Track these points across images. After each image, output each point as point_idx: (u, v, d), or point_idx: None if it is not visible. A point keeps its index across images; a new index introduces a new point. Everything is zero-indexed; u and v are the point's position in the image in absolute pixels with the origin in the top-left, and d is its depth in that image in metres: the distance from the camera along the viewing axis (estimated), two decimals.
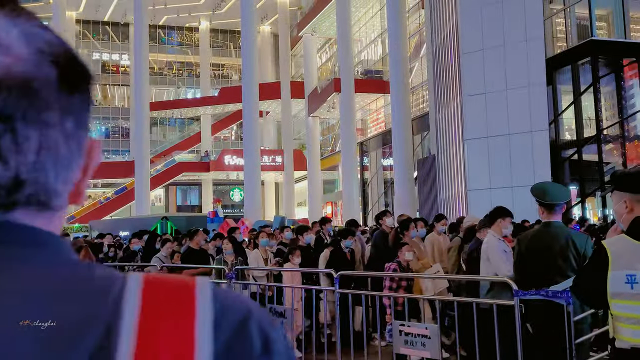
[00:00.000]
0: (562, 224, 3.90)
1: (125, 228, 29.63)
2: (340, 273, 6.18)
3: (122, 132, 50.73)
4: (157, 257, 9.11)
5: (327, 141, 45.03)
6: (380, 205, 34.61)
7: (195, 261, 8.07)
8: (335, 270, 6.91)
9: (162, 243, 9.52)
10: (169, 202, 51.38)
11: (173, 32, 52.93)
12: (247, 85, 33.37)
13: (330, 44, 42.63)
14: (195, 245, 8.72)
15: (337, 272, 6.05)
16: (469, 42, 18.61)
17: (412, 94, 29.15)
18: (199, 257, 8.29)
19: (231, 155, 43.92)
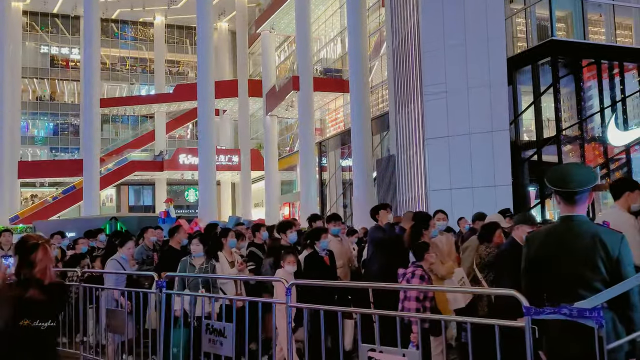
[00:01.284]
0: (586, 219, 2.95)
1: (71, 229, 28.13)
2: (293, 282, 5.17)
3: (71, 129, 48.71)
4: (115, 260, 7.59)
5: (285, 141, 44.33)
6: (339, 206, 34.14)
7: (176, 262, 7.12)
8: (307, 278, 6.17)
9: (121, 242, 8.11)
10: (121, 203, 49.63)
11: (126, 26, 51.21)
12: (202, 83, 32.43)
13: (289, 42, 41.96)
14: (176, 244, 7.90)
15: (291, 282, 5.13)
16: (430, 40, 18.26)
17: (372, 93, 28.78)
18: (179, 257, 7.29)
19: (186, 154, 42.70)
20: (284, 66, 42.99)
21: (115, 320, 6.34)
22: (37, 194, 46.31)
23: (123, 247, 7.67)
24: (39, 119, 48.60)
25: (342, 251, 8.03)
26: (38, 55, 48.45)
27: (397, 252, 6.89)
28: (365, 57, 26.02)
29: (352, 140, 25.44)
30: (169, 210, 23.92)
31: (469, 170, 17.30)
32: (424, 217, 7.60)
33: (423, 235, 6.68)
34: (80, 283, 7.05)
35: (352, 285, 7.19)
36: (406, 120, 20.18)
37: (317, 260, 6.77)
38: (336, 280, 6.95)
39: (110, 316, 6.48)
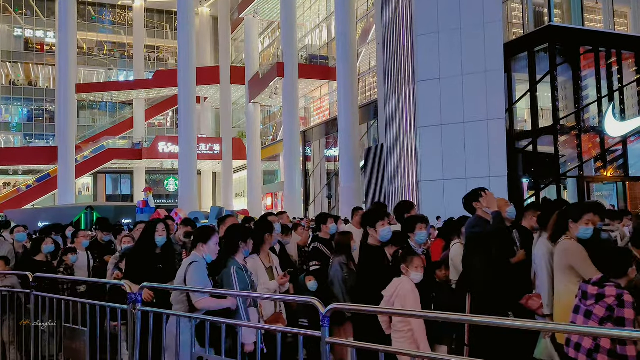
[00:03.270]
0: None
1: (44, 219, 27.02)
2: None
3: (46, 115, 47.07)
4: (196, 263, 4.55)
5: (268, 130, 43.36)
6: (323, 196, 33.39)
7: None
8: None
9: (204, 236, 6.22)
10: (98, 191, 48.22)
11: (104, 10, 49.53)
12: (183, 69, 31.35)
13: (273, 28, 40.90)
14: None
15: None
16: (423, 24, 17.53)
17: (359, 81, 27.96)
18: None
19: (166, 143, 41.51)
20: (267, 53, 41.93)
21: (74, 342, 4.52)
22: (9, 181, 44.73)
23: (208, 243, 4.63)
24: (12, 105, 46.86)
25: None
26: (12, 38, 46.60)
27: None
28: (354, 43, 25.22)
29: (339, 128, 24.65)
30: (148, 200, 22.96)
31: (462, 160, 16.67)
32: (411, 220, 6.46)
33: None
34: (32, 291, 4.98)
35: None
36: (396, 108, 19.45)
37: None
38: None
39: (69, 335, 4.61)
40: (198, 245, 4.53)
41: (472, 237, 5.01)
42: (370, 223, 5.05)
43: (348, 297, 5.31)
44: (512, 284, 4.88)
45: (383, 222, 5.00)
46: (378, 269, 4.90)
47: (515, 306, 4.74)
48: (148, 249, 5.29)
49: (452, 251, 5.97)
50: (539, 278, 4.78)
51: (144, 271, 5.08)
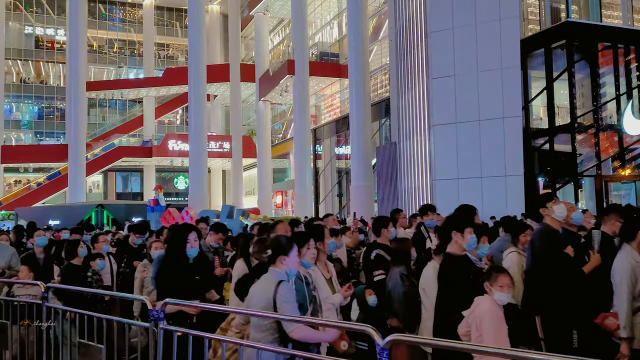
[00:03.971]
0: None
1: (55, 217, 27.03)
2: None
3: (57, 112, 47.15)
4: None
5: (278, 128, 43.17)
6: (333, 195, 33.16)
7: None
8: None
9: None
10: (108, 189, 48.25)
11: (114, 7, 49.49)
12: (193, 66, 31.22)
13: (283, 26, 40.70)
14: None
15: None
16: (437, 20, 17.26)
17: (370, 78, 27.67)
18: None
19: (176, 140, 41.43)
20: (277, 50, 41.72)
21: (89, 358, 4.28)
22: (21, 179, 44.87)
23: (290, 255, 3.91)
24: (23, 102, 46.97)
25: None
26: (22, 36, 46.70)
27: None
28: (366, 40, 24.93)
29: (351, 126, 24.39)
30: (159, 198, 22.79)
31: (477, 158, 16.39)
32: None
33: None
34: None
35: None
36: (409, 105, 19.17)
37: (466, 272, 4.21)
38: None
39: (83, 352, 4.35)
40: (279, 259, 3.77)
41: (539, 252, 4.50)
42: (458, 228, 4.27)
43: (408, 313, 4.79)
44: (586, 298, 4.38)
45: (470, 229, 4.31)
46: (462, 282, 4.12)
47: (587, 324, 4.24)
48: (180, 260, 4.56)
49: (506, 261, 5.31)
50: (617, 295, 4.29)
51: (178, 285, 4.37)
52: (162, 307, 3.72)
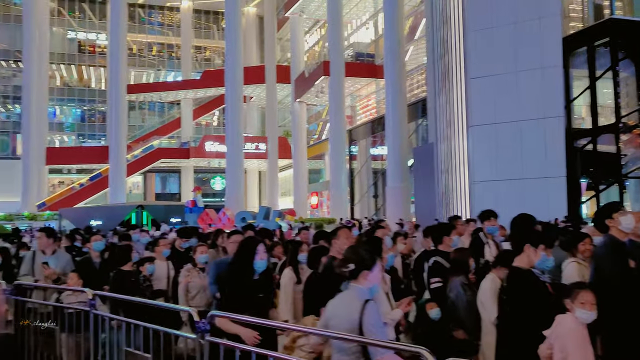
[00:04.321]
0: None
1: (97, 217, 27.69)
2: None
3: (98, 115, 48.35)
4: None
5: (313, 129, 43.27)
6: (369, 196, 33.04)
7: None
8: None
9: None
10: (148, 190, 49.24)
11: (153, 11, 50.50)
12: (230, 69, 31.65)
13: (319, 26, 40.76)
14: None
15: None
16: (475, 19, 17.01)
17: (407, 78, 27.47)
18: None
19: (212, 142, 41.95)
20: (313, 51, 41.83)
21: None
22: (64, 180, 46.15)
23: (373, 270, 3.58)
24: (66, 105, 48.34)
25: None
26: (65, 40, 48.08)
27: None
28: (402, 39, 24.76)
29: (387, 127, 24.24)
30: (197, 200, 23.14)
31: (517, 160, 16.07)
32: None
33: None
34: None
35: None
36: (447, 106, 18.91)
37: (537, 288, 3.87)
38: None
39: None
40: (362, 274, 3.39)
41: (603, 265, 4.21)
42: (533, 243, 3.88)
43: (476, 324, 4.60)
44: None
45: (543, 246, 3.94)
46: (532, 299, 3.80)
47: None
48: (246, 273, 4.17)
49: (566, 271, 4.94)
50: None
51: (241, 300, 4.05)
52: (209, 319, 3.69)
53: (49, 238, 6.82)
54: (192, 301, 6.01)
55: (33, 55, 39.36)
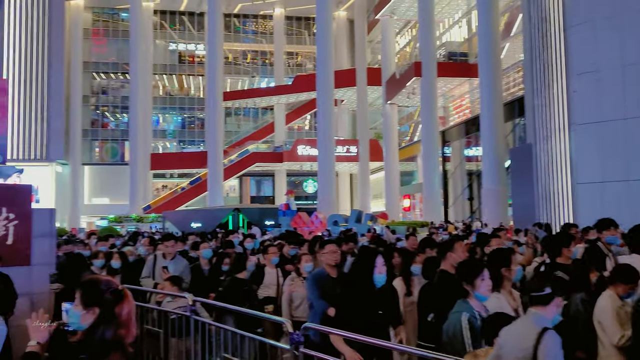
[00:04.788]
0: None
1: (197, 219, 29.00)
2: None
3: (197, 122, 50.68)
4: None
5: (405, 131, 42.84)
6: (463, 199, 32.23)
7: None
8: None
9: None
10: (243, 193, 50.93)
11: (247, 20, 52.21)
12: (321, 73, 32.07)
13: (409, 27, 40.35)
14: (450, 268, 4.54)
15: None
16: (576, 12, 16.19)
17: (503, 77, 26.53)
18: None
19: (305, 146, 42.70)
20: (404, 52, 41.47)
21: None
22: (167, 184, 48.76)
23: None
24: (168, 113, 51.04)
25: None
26: (167, 52, 50.83)
27: None
28: (497, 36, 23.95)
29: (482, 127, 23.53)
30: (290, 203, 23.63)
31: (624, 160, 15.11)
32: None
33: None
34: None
35: None
36: (546, 104, 18.07)
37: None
38: None
39: None
40: (554, 301, 3.16)
41: None
42: None
43: (594, 342, 4.18)
44: None
45: None
46: None
47: None
48: (364, 288, 3.85)
49: None
50: None
51: (358, 316, 3.74)
52: (303, 331, 3.72)
53: (176, 242, 7.10)
54: (296, 311, 5.88)
55: (138, 67, 42.00)
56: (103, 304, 2.28)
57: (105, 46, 48.57)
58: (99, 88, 48.93)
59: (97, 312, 2.28)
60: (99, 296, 2.31)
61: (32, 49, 42.67)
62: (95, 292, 2.33)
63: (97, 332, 2.25)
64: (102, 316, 2.27)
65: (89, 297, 2.33)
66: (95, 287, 2.35)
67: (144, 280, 6.85)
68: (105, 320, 2.26)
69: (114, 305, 2.28)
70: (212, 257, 7.22)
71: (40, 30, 43.01)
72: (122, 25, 48.40)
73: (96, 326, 2.26)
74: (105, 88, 49.09)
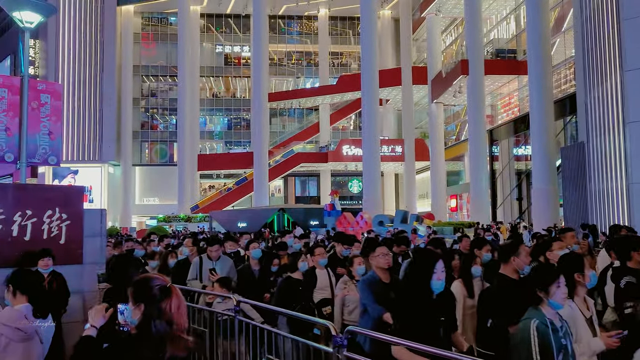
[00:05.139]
0: None
1: (242, 219, 29.38)
2: None
3: (243, 123, 51.32)
4: None
5: (451, 130, 42.20)
6: (512, 199, 31.48)
7: None
8: None
9: None
10: (288, 193, 51.25)
11: (292, 21, 52.52)
12: (366, 72, 31.93)
13: (456, 25, 39.71)
14: (512, 273, 4.45)
15: None
16: (631, 6, 15.59)
17: (553, 73, 25.78)
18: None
19: (349, 146, 42.62)
20: (450, 51, 40.85)
21: None
22: (214, 184, 49.56)
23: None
24: (215, 115, 51.86)
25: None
26: (214, 54, 51.67)
27: None
28: (547, 32, 23.26)
29: (531, 125, 22.90)
30: (335, 203, 23.62)
31: None
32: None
33: None
34: None
35: None
36: (599, 101, 17.46)
37: None
38: None
39: None
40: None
41: None
42: None
43: None
44: None
45: None
46: None
47: None
48: (422, 294, 3.56)
49: None
50: None
51: (418, 325, 3.48)
52: (347, 334, 3.67)
53: (220, 246, 7.09)
54: (350, 315, 5.60)
55: (186, 70, 42.90)
56: (149, 300, 2.36)
57: (154, 50, 49.78)
58: (149, 91, 50.19)
59: (142, 308, 2.36)
60: (145, 292, 2.39)
61: (86, 54, 44.18)
62: (142, 289, 2.41)
63: (147, 327, 2.33)
64: (148, 312, 2.35)
65: (137, 294, 2.42)
66: (143, 284, 2.44)
67: (192, 282, 6.91)
68: (152, 315, 2.33)
69: (160, 301, 2.35)
70: (261, 257, 7.15)
71: (93, 37, 44.50)
72: (171, 29, 49.52)
73: (145, 321, 2.34)
74: (154, 91, 50.33)
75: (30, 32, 9.73)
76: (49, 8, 10.01)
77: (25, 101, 8.54)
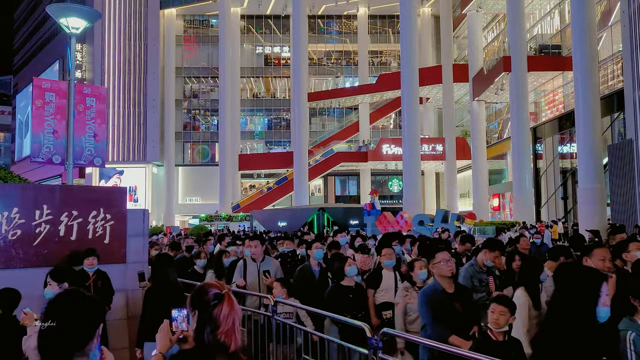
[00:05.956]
0: None
1: (283, 218, 29.58)
2: None
3: (283, 123, 51.68)
4: None
5: (493, 128, 41.46)
6: (557, 198, 30.71)
7: None
8: None
9: None
10: (328, 192, 51.32)
11: (332, 21, 52.54)
12: (406, 71, 31.67)
13: (497, 21, 38.99)
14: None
15: None
16: None
17: (599, 69, 25.03)
18: None
19: (389, 145, 42.38)
20: (491, 47, 40.13)
21: None
22: (254, 184, 50.07)
23: None
24: (255, 115, 52.39)
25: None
26: (254, 55, 52.19)
27: None
28: (593, 27, 22.58)
29: (577, 123, 22.28)
30: (374, 202, 23.52)
31: None
32: None
33: None
34: None
35: None
36: None
37: None
38: None
39: None
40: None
41: None
42: None
43: None
44: None
45: None
46: None
47: None
48: (585, 322, 2.79)
49: None
50: None
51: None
52: (381, 337, 3.66)
53: (262, 244, 7.01)
54: (412, 325, 5.22)
55: (227, 71, 43.50)
56: (202, 306, 2.31)
57: (196, 52, 50.63)
58: (191, 92, 51.07)
59: (197, 315, 2.33)
60: (200, 299, 2.34)
61: (131, 57, 45.37)
62: (198, 296, 2.37)
63: (201, 335, 2.29)
64: (201, 319, 2.30)
65: (193, 300, 2.38)
66: (200, 290, 2.39)
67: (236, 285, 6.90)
68: (205, 322, 2.29)
69: (213, 308, 2.29)
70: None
71: (137, 40, 45.65)
72: (212, 31, 50.26)
73: (200, 329, 2.30)
74: (196, 92, 51.19)
75: (76, 37, 10.05)
76: (94, 14, 10.32)
77: (72, 105, 8.84)
